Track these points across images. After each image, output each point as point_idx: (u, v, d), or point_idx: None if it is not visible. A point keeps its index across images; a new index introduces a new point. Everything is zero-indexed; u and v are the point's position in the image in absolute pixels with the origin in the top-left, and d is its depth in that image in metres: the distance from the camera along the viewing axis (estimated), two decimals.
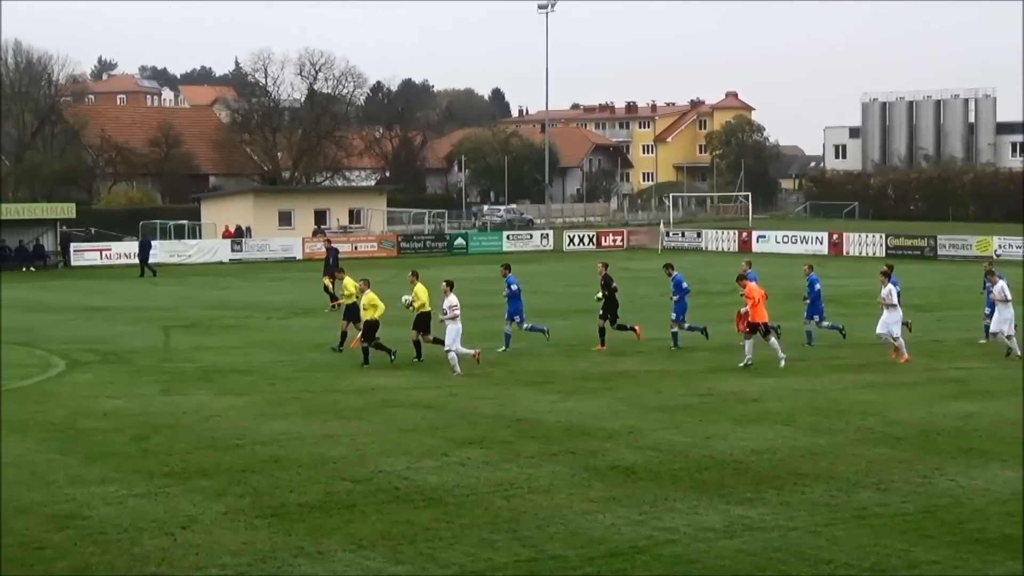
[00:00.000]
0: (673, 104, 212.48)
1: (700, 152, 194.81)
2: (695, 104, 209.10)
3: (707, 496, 20.19)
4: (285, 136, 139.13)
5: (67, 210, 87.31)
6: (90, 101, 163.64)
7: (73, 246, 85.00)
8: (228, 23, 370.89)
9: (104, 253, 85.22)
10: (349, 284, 38.22)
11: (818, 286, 38.89)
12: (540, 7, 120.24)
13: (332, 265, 55.51)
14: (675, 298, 38.21)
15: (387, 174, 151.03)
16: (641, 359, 35.25)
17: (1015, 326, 35.89)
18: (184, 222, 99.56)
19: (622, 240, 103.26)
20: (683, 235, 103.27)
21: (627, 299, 41.75)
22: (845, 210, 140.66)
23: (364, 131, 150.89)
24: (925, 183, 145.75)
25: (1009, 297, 35.84)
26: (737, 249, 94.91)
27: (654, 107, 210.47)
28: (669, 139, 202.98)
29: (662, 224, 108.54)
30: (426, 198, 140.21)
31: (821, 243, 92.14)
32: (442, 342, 34.40)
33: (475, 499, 20.13)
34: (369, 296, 35.47)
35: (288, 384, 32.40)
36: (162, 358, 37.82)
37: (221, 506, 19.77)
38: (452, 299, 33.97)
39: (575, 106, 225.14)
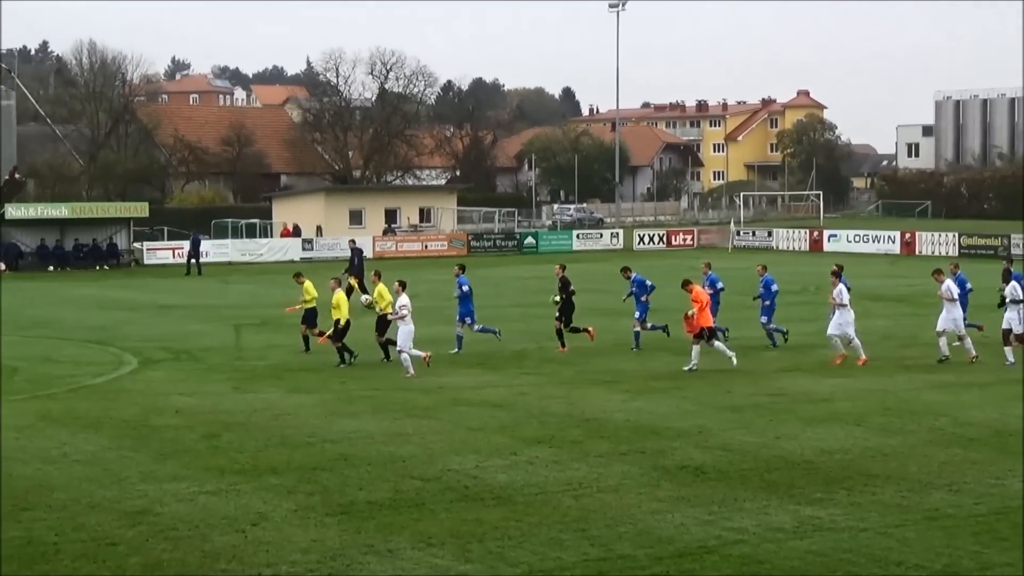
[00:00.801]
0: (744, 103, 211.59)
1: (771, 151, 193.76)
2: (766, 102, 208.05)
3: (777, 496, 20.10)
4: (356, 135, 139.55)
5: (140, 209, 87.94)
6: (163, 101, 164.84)
7: (145, 244, 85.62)
8: (300, 23, 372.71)
9: (176, 252, 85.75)
10: (310, 287, 38.36)
11: (775, 287, 38.58)
12: (611, 6, 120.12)
13: (357, 266, 55.86)
14: (630, 297, 38.31)
15: (457, 173, 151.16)
16: (711, 359, 35.07)
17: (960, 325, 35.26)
18: (256, 221, 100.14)
19: (692, 239, 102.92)
20: (753, 234, 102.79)
21: None
22: (918, 209, 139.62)
23: (435, 130, 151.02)
24: (999, 182, 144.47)
25: (955, 296, 35.23)
26: (808, 248, 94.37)
27: (725, 106, 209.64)
28: (740, 138, 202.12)
29: (732, 223, 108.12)
30: (496, 197, 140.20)
31: (893, 242, 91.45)
32: (394, 343, 34.44)
33: (544, 498, 20.12)
34: (338, 295, 35.59)
35: (358, 382, 32.52)
36: (233, 356, 38.06)
37: (291, 503, 19.87)
38: (404, 299, 34.09)
39: (646, 105, 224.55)
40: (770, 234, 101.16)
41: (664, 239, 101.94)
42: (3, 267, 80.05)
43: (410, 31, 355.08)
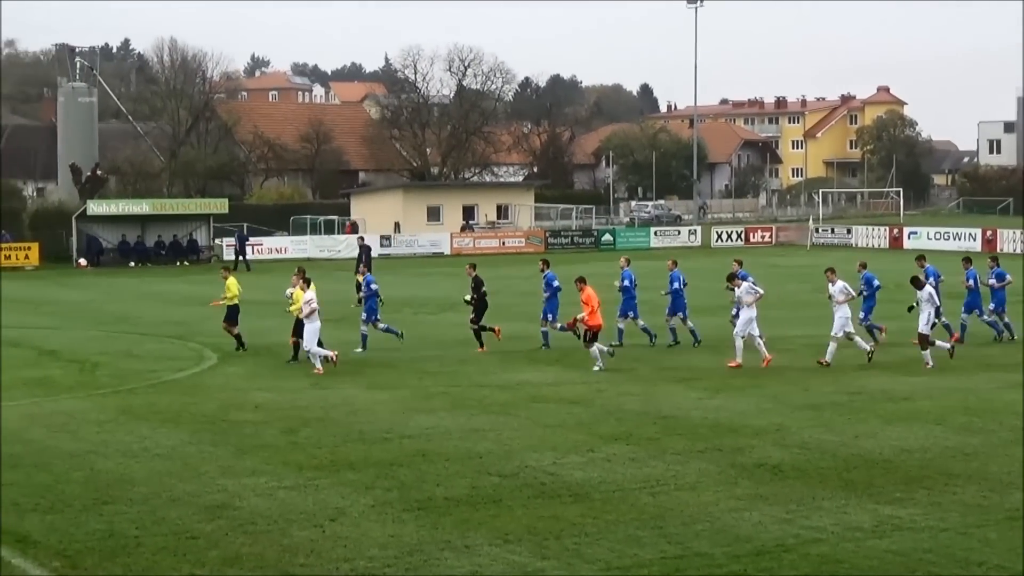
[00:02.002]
0: (823, 99, 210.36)
1: (851, 147, 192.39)
2: (846, 99, 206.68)
3: (855, 495, 19.98)
4: (434, 132, 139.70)
5: (220, 205, 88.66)
6: (243, 98, 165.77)
7: (225, 241, 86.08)
8: (378, 20, 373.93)
9: (256, 248, 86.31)
10: (232, 285, 38.47)
11: (676, 284, 38.25)
12: (689, 3, 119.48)
13: (365, 263, 56.18)
14: (547, 295, 38.14)
15: (535, 170, 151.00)
16: (789, 356, 34.94)
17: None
18: (334, 217, 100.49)
19: (770, 236, 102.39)
20: (832, 231, 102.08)
21: (775, 296, 41.29)
22: (999, 206, 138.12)
23: (512, 127, 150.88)
24: None
25: (854, 295, 34.60)
26: (888, 246, 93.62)
27: (804, 102, 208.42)
28: (819, 134, 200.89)
29: (811, 220, 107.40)
30: (574, 194, 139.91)
31: (974, 240, 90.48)
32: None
33: (621, 495, 20.11)
34: (297, 292, 35.67)
35: (435, 379, 32.61)
36: (364, 352, 38.10)
37: (369, 499, 19.96)
38: (309, 295, 34.15)
39: (724, 101, 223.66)
40: (849, 231, 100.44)
41: (742, 236, 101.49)
42: (84, 263, 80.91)
43: (488, 28, 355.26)
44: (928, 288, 34.58)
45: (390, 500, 19.91)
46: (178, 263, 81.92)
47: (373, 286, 38.49)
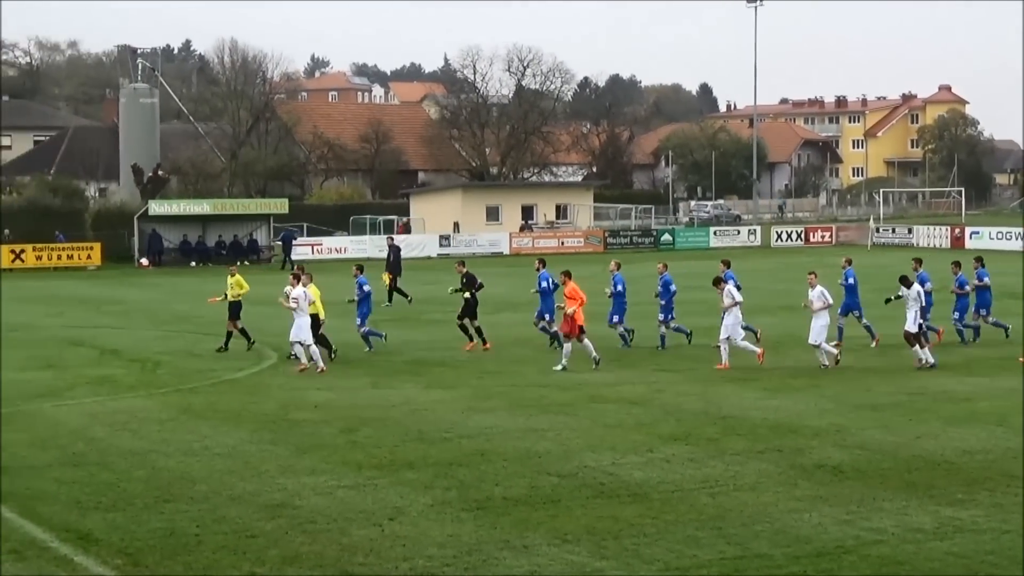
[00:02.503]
0: (884, 98, 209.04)
1: (912, 147, 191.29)
2: (907, 98, 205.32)
3: (916, 497, 19.87)
4: (493, 132, 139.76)
5: (280, 205, 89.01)
6: (303, 98, 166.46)
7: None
8: (437, 20, 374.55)
9: (315, 248, 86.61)
10: (241, 281, 38.98)
11: (671, 288, 38.04)
12: (749, 2, 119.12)
13: (393, 263, 56.27)
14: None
15: (594, 169, 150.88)
16: (850, 356, 34.75)
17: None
18: (393, 217, 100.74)
19: (831, 236, 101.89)
20: (893, 231, 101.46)
21: (835, 296, 41.03)
22: None
23: (571, 127, 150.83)
24: None
25: (830, 302, 34.15)
26: (949, 246, 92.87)
27: (864, 101, 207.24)
28: (880, 134, 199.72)
29: (872, 220, 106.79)
30: (633, 194, 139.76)
31: None
32: (328, 344, 36.07)
33: (680, 496, 20.08)
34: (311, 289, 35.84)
35: (494, 378, 32.64)
36: (371, 351, 38.34)
37: (428, 498, 20.00)
38: (297, 292, 34.31)
39: (784, 101, 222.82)
40: (910, 231, 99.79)
41: (802, 236, 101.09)
42: (146, 263, 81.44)
43: (547, 28, 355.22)
44: (916, 287, 34.36)
45: (449, 499, 19.94)
46: (238, 263, 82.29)
47: (366, 288, 38.48)
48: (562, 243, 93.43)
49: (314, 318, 35.29)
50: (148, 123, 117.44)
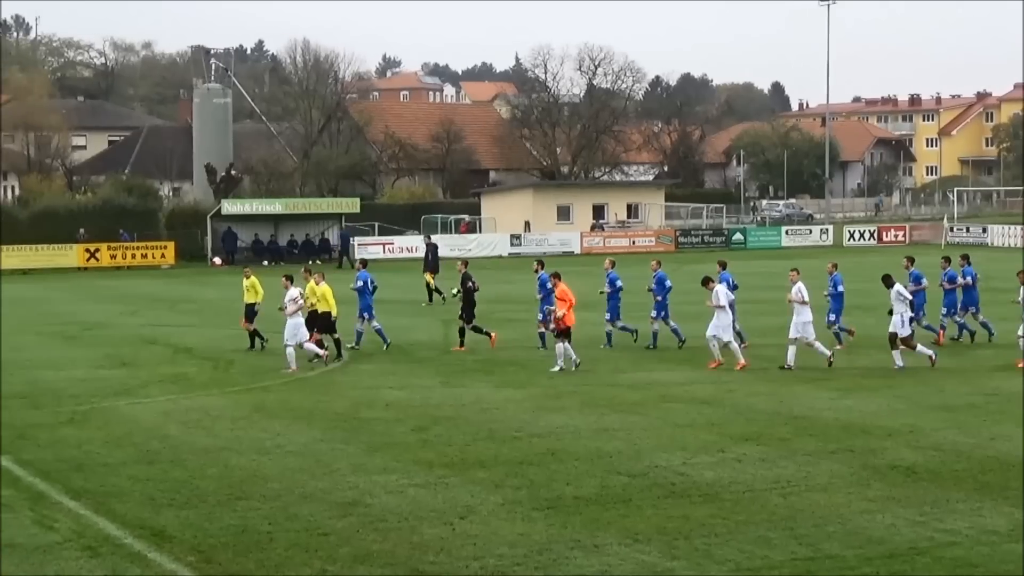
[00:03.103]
0: (958, 96, 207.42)
1: (986, 145, 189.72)
2: (981, 96, 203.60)
3: (991, 498, 19.70)
4: (564, 131, 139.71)
5: (351, 205, 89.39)
6: (374, 98, 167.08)
7: (356, 240, 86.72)
8: (509, 20, 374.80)
9: (387, 247, 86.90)
10: (256, 284, 39.26)
11: (667, 284, 37.86)
12: (821, 0, 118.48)
13: (431, 262, 56.22)
14: (540, 296, 38.01)
15: (665, 169, 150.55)
16: (923, 357, 34.46)
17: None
18: (464, 216, 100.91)
19: (904, 235, 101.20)
20: (968, 230, 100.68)
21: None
22: None
23: (642, 126, 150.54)
24: None
25: (807, 299, 33.65)
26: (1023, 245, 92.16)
27: (939, 99, 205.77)
28: (954, 132, 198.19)
29: (945, 219, 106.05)
30: (704, 193, 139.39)
31: None
32: (338, 341, 36.32)
33: (751, 496, 20.00)
34: (323, 288, 36.02)
35: (566, 377, 32.63)
36: (442, 350, 38.47)
37: (498, 497, 20.02)
38: (292, 293, 34.26)
39: (856, 99, 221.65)
40: (984, 230, 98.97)
41: (875, 235, 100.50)
42: (219, 261, 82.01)
43: (618, 27, 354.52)
44: (897, 287, 33.88)
45: (519, 499, 19.96)
46: (310, 262, 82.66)
47: (364, 283, 38.72)
48: (633, 242, 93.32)
49: (326, 315, 35.95)
50: (221, 123, 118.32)
